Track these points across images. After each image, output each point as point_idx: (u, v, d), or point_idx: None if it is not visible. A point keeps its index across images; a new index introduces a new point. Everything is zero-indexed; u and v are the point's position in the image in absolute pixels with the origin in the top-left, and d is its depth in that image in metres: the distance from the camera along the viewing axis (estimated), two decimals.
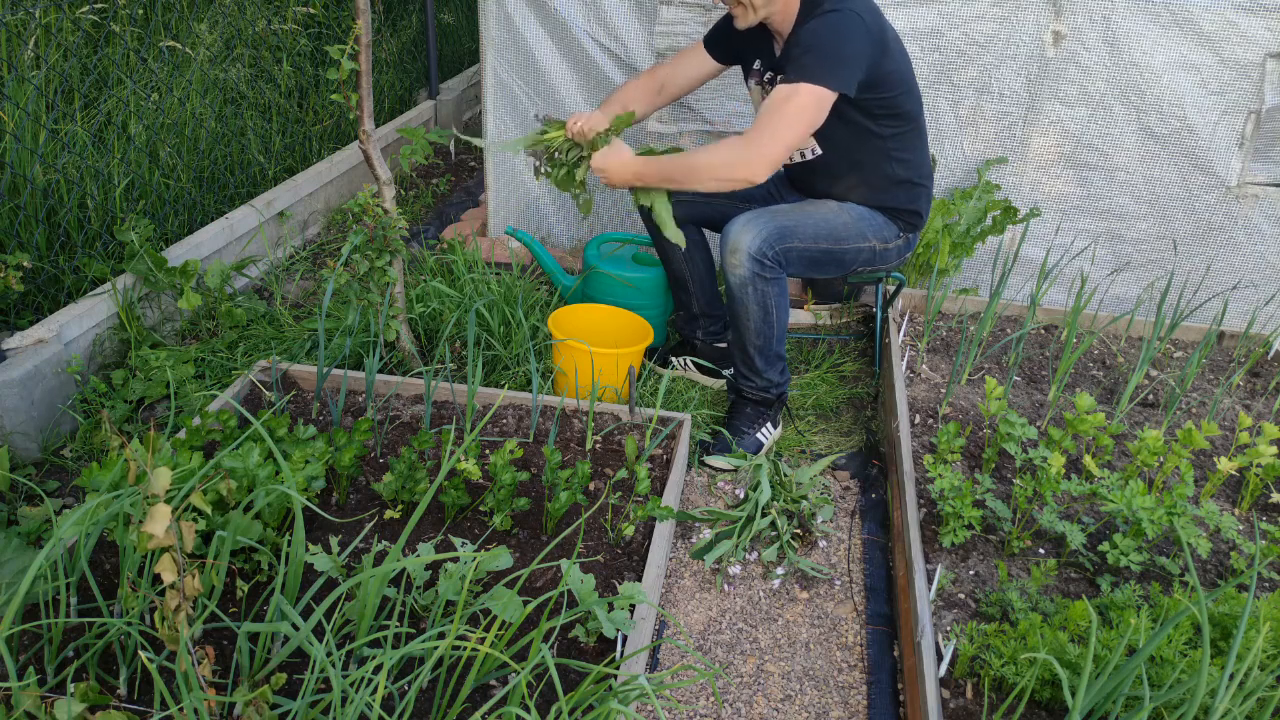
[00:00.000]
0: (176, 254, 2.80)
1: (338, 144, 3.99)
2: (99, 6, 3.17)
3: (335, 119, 4.01)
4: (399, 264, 2.48)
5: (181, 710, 1.30)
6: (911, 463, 2.18)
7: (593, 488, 2.15)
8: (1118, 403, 2.54)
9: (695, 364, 2.81)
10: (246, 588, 1.72)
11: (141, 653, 1.39)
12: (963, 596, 1.89)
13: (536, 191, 3.43)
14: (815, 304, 3.19)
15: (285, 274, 3.29)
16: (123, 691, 1.52)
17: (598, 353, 2.43)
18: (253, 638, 1.59)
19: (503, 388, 2.53)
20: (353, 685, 1.34)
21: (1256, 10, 2.77)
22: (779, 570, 2.14)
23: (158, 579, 1.54)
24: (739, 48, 2.51)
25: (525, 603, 1.65)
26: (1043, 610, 1.78)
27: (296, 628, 1.42)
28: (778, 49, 2.40)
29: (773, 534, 2.19)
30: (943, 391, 2.57)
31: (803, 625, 2.02)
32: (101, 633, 1.56)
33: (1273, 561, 2.00)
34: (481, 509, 2.03)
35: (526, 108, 3.28)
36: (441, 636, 1.54)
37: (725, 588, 2.10)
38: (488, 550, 1.76)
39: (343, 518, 1.99)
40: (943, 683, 1.67)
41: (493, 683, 1.61)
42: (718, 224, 2.53)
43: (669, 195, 2.46)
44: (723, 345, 2.77)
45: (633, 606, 1.74)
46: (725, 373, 2.74)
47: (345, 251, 2.38)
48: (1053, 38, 2.90)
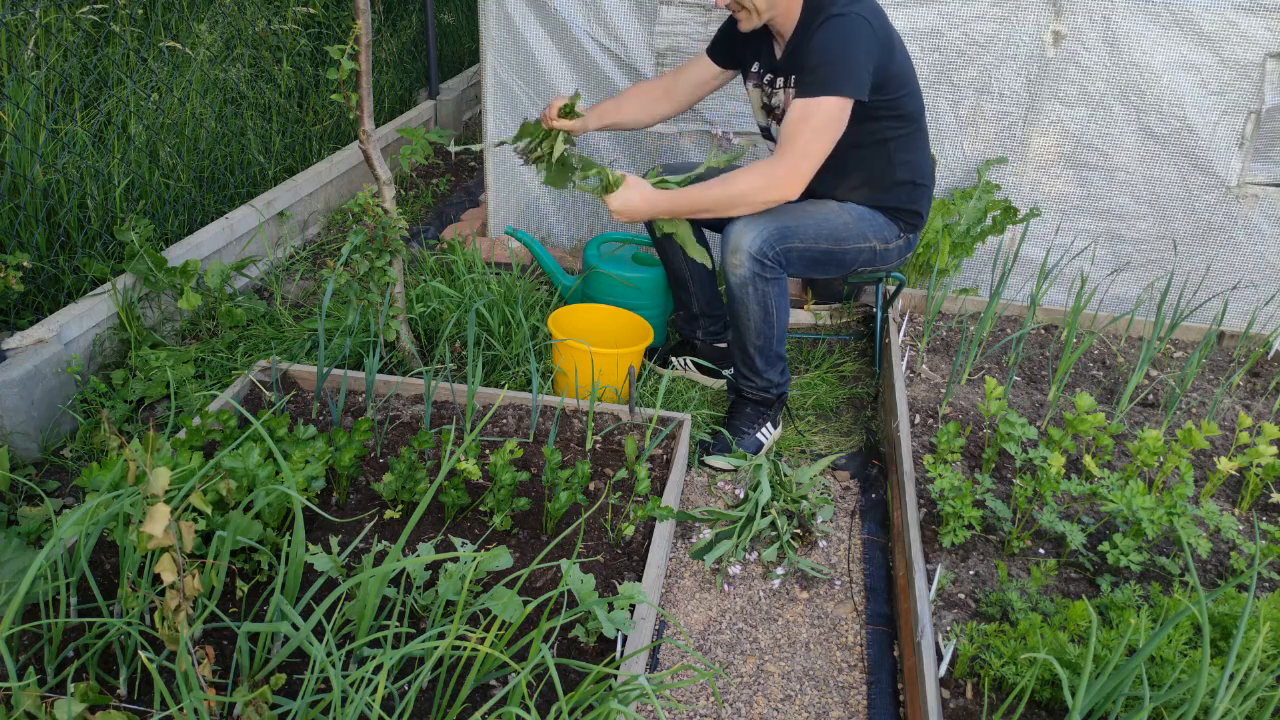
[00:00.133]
0: (176, 254, 2.80)
1: (338, 144, 3.99)
2: (99, 6, 3.17)
3: (335, 119, 4.01)
4: (399, 264, 2.48)
5: (181, 710, 1.30)
6: (911, 463, 2.18)
7: (593, 488, 2.15)
8: (1118, 403, 2.54)
9: (695, 364, 2.81)
10: (246, 588, 1.72)
11: (141, 653, 1.39)
12: (963, 596, 1.89)
13: (536, 191, 3.43)
14: (815, 304, 3.19)
15: (285, 274, 3.29)
16: (123, 691, 1.52)
17: (598, 353, 2.43)
18: (253, 638, 1.59)
19: (503, 388, 2.53)
20: (353, 685, 1.34)
21: (1256, 10, 2.77)
22: (779, 570, 2.14)
23: (158, 579, 1.54)
24: (740, 50, 2.51)
25: (525, 603, 1.65)
26: (1043, 610, 1.78)
27: (296, 628, 1.42)
28: (778, 50, 2.40)
29: (773, 534, 2.19)
30: (943, 391, 2.58)
31: (803, 625, 2.02)
32: (101, 633, 1.56)
33: (1273, 561, 2.00)
34: (481, 509, 2.03)
35: (527, 108, 3.28)
36: (441, 636, 1.54)
37: (725, 588, 2.10)
38: (488, 550, 1.76)
39: (343, 518, 1.99)
40: (943, 683, 1.67)
41: (493, 683, 1.61)
42: (718, 224, 2.54)
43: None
44: (723, 345, 2.77)
45: (633, 606, 1.74)
46: (725, 373, 2.74)
47: (345, 251, 2.39)
48: (1053, 38, 2.90)
